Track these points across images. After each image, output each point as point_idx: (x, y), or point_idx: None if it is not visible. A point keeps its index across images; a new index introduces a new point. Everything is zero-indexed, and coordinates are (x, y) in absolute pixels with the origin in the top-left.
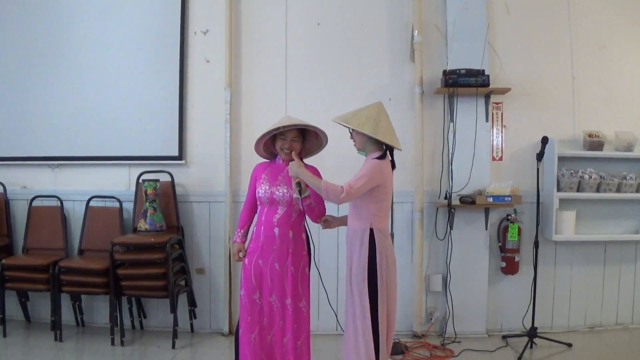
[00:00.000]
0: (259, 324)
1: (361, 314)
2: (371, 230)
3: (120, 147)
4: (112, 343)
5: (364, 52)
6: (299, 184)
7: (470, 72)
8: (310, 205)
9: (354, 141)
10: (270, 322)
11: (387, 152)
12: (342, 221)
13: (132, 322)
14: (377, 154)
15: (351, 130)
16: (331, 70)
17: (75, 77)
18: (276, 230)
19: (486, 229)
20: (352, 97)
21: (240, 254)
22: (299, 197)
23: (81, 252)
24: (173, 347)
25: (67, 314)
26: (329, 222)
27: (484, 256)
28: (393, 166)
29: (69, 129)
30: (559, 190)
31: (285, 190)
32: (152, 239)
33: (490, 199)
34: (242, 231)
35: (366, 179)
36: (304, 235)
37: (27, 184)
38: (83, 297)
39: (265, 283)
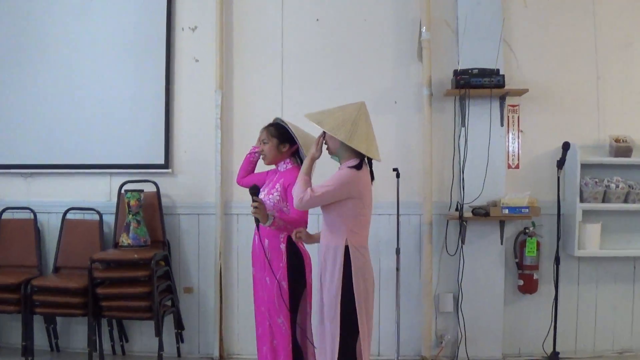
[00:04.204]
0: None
1: (331, 342)
2: (346, 247)
3: (101, 154)
4: None
5: (367, 50)
6: (256, 217)
7: (484, 72)
8: (280, 226)
9: (326, 143)
10: (262, 336)
11: (364, 161)
12: (317, 239)
13: (113, 346)
14: (353, 162)
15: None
16: (331, 71)
17: (50, 78)
18: (256, 238)
19: (501, 243)
20: (354, 99)
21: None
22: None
23: (56, 269)
24: None
25: (40, 338)
26: (301, 238)
27: (499, 273)
28: (372, 177)
29: (44, 135)
30: (582, 201)
31: (264, 195)
32: (136, 255)
33: (506, 211)
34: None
35: (330, 189)
36: (283, 246)
37: None
38: (58, 319)
39: (256, 292)
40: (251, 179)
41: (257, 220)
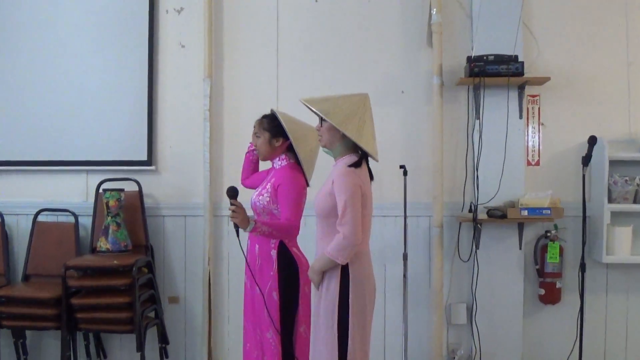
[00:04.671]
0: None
1: (329, 357)
2: None
3: (76, 149)
4: None
5: (372, 34)
6: (235, 225)
7: (501, 59)
8: (265, 232)
9: (320, 134)
10: (249, 353)
11: (363, 158)
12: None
13: None
14: (350, 158)
15: (321, 119)
16: (332, 57)
17: (18, 64)
18: (248, 242)
19: (520, 248)
20: (356, 89)
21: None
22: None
23: (26, 277)
24: None
25: (7, 355)
26: (315, 280)
27: (517, 282)
28: (371, 176)
29: (11, 128)
30: (610, 201)
31: (254, 196)
32: (115, 261)
33: (525, 212)
34: None
35: (352, 204)
36: (273, 253)
37: None
38: (28, 333)
39: (245, 303)
40: (257, 178)
41: (236, 226)
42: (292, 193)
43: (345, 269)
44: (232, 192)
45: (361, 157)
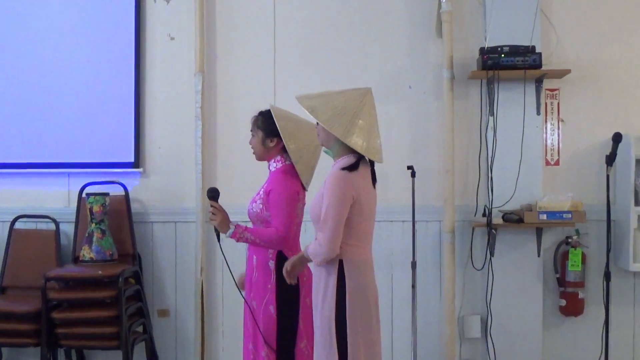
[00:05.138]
0: None
1: None
2: (340, 262)
3: (56, 150)
4: None
5: (376, 25)
6: (216, 228)
7: (517, 50)
8: (247, 239)
9: (317, 133)
10: None
11: (360, 160)
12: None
13: None
14: (346, 160)
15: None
16: (333, 50)
17: None
18: (247, 253)
19: (539, 255)
20: (360, 83)
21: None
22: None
23: (3, 290)
24: None
25: None
26: (290, 273)
27: (536, 292)
28: (374, 179)
29: None
30: (637, 204)
31: (249, 202)
32: (100, 272)
33: (544, 216)
34: None
35: (335, 212)
36: (271, 264)
37: None
38: (4, 350)
39: (244, 319)
40: None
41: (216, 230)
42: (282, 199)
43: (341, 279)
44: (212, 194)
45: (359, 159)
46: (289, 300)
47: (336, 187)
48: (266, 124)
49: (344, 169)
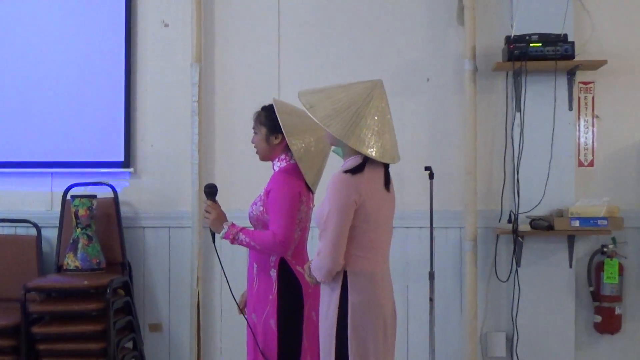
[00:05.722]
0: None
1: None
2: (345, 275)
3: (39, 148)
4: None
5: (391, 11)
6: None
7: (547, 39)
8: (241, 242)
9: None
10: None
11: (367, 161)
12: None
13: None
14: (352, 161)
15: None
16: (343, 38)
17: None
18: (247, 261)
19: (570, 266)
20: (373, 75)
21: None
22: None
23: None
24: None
25: None
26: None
27: (568, 306)
28: (387, 181)
29: None
30: None
31: (250, 206)
32: (86, 282)
33: (577, 223)
34: None
35: (335, 220)
36: (273, 273)
37: None
38: None
39: (247, 334)
40: None
41: (211, 231)
42: (282, 200)
43: (344, 294)
44: (208, 189)
45: (365, 160)
46: (292, 313)
47: (336, 192)
48: (269, 119)
49: (346, 171)
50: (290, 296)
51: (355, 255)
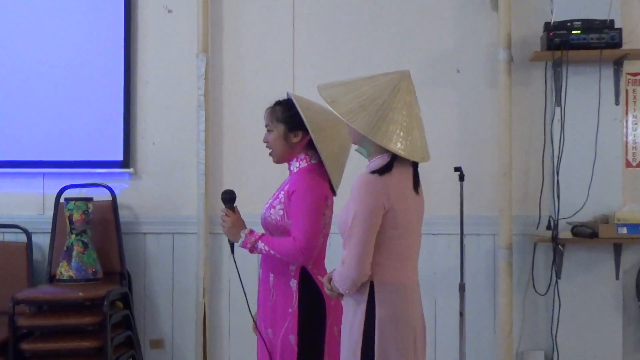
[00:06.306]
0: None
1: None
2: (371, 286)
3: (29, 146)
4: None
5: None
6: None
7: (591, 25)
8: (259, 249)
9: (349, 129)
10: None
11: (395, 160)
12: None
13: None
14: (379, 160)
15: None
16: (364, 28)
17: None
18: (260, 272)
19: (617, 278)
20: (397, 67)
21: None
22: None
23: None
24: None
25: None
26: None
27: (614, 322)
28: (416, 182)
29: None
30: None
31: (264, 210)
32: (81, 293)
33: (624, 230)
34: None
35: (361, 226)
36: (294, 284)
37: None
38: None
39: (259, 351)
40: None
41: (230, 241)
42: (307, 203)
43: (370, 307)
44: (226, 196)
45: (393, 158)
46: (314, 328)
47: (363, 194)
48: (288, 115)
49: (374, 172)
50: (312, 309)
51: (383, 264)
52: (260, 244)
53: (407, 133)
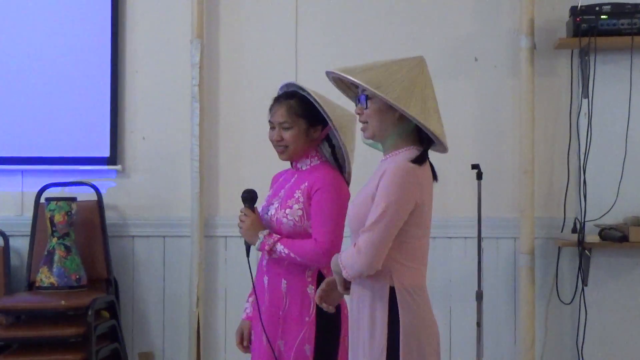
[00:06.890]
0: None
1: None
2: (392, 289)
3: (6, 141)
4: None
5: None
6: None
7: (621, 9)
8: (276, 253)
9: (364, 120)
10: None
11: (426, 152)
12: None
13: None
14: (408, 152)
15: (362, 99)
16: (376, 12)
17: None
18: (265, 279)
19: None
20: (410, 54)
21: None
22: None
23: None
24: None
25: None
26: (324, 292)
27: None
28: (434, 177)
29: None
30: None
31: (274, 211)
32: (63, 302)
33: None
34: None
35: (390, 214)
36: (310, 290)
37: None
38: None
39: None
40: None
41: (246, 243)
42: (332, 202)
43: (393, 313)
44: (247, 195)
45: (425, 150)
46: (330, 338)
47: (401, 182)
48: (307, 110)
49: (414, 162)
50: (330, 317)
51: (404, 265)
52: (279, 247)
53: (440, 119)
